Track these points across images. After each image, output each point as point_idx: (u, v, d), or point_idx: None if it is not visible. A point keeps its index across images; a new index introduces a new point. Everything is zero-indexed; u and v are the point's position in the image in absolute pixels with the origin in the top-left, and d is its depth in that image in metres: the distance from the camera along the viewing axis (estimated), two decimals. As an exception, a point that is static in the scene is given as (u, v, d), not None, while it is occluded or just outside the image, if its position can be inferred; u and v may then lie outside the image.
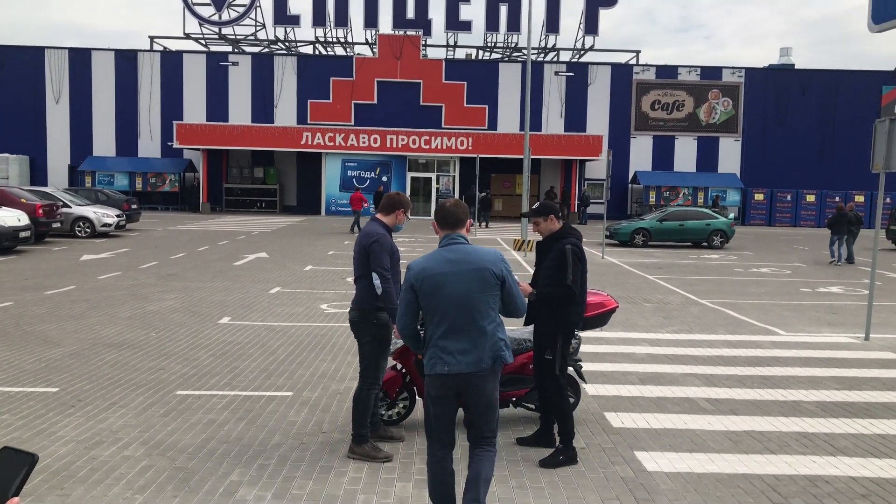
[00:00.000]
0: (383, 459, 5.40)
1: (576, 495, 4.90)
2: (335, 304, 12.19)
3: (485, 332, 4.08)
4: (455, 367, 4.05)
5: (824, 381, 8.08)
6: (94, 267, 16.29)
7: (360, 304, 5.50)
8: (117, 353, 8.49)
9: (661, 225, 25.59)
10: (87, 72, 40.08)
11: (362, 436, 5.48)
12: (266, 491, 4.84)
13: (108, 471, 5.09)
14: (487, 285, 4.08)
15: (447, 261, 4.12)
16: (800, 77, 41.96)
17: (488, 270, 4.09)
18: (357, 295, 5.54)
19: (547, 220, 5.63)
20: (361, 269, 5.48)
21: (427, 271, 4.11)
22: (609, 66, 41.85)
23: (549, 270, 5.51)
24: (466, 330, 4.07)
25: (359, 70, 40.54)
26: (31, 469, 1.57)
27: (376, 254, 5.37)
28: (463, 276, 4.07)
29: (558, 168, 41.24)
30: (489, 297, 4.09)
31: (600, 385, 7.61)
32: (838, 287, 16.13)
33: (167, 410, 6.46)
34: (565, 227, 5.67)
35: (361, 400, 5.50)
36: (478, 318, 4.07)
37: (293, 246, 22.10)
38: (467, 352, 4.06)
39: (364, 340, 5.51)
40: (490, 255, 4.17)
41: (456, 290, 4.05)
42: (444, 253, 4.18)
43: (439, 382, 4.10)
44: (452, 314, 4.06)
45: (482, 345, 4.07)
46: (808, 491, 5.06)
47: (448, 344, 4.07)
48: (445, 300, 4.06)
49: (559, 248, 5.48)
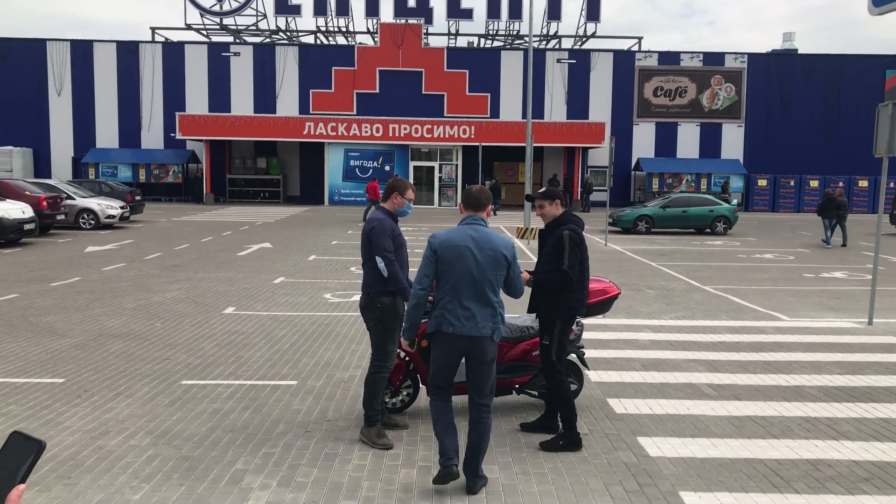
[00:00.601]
0: (382, 447, 5.46)
1: (579, 481, 4.94)
2: (339, 294, 12.22)
3: (487, 304, 4.69)
4: (459, 329, 4.66)
5: (827, 366, 8.09)
6: (99, 258, 16.34)
7: (366, 289, 5.68)
8: (123, 344, 8.54)
9: (665, 212, 25.56)
10: (89, 63, 40.05)
11: (370, 418, 5.58)
12: (271, 479, 4.88)
13: (114, 460, 5.13)
14: (498, 266, 4.71)
15: (470, 237, 4.74)
16: (803, 62, 41.75)
17: (501, 254, 4.72)
18: (363, 280, 5.73)
19: (552, 205, 5.64)
20: (366, 255, 5.67)
21: (451, 241, 4.73)
22: (611, 53, 41.68)
23: (548, 257, 5.52)
24: (472, 300, 4.66)
25: (360, 59, 40.45)
26: (38, 456, 1.59)
27: (376, 238, 5.54)
28: (480, 254, 4.68)
29: (561, 155, 41.16)
30: (497, 276, 4.72)
31: (603, 371, 7.64)
32: (842, 272, 16.11)
33: (172, 400, 6.50)
34: (566, 213, 5.67)
35: (369, 382, 5.62)
36: (483, 292, 4.67)
37: (297, 236, 22.14)
38: (470, 318, 4.66)
39: (370, 324, 5.65)
40: (504, 241, 4.82)
41: (472, 264, 4.65)
42: (468, 230, 4.79)
43: (450, 342, 4.70)
44: (464, 283, 4.66)
45: (484, 315, 4.68)
46: (810, 475, 5.08)
47: (455, 308, 4.67)
48: (462, 270, 4.66)
49: (558, 234, 5.50)
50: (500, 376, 6.14)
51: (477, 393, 4.78)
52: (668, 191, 37.55)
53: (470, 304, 4.65)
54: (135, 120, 40.41)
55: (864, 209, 39.25)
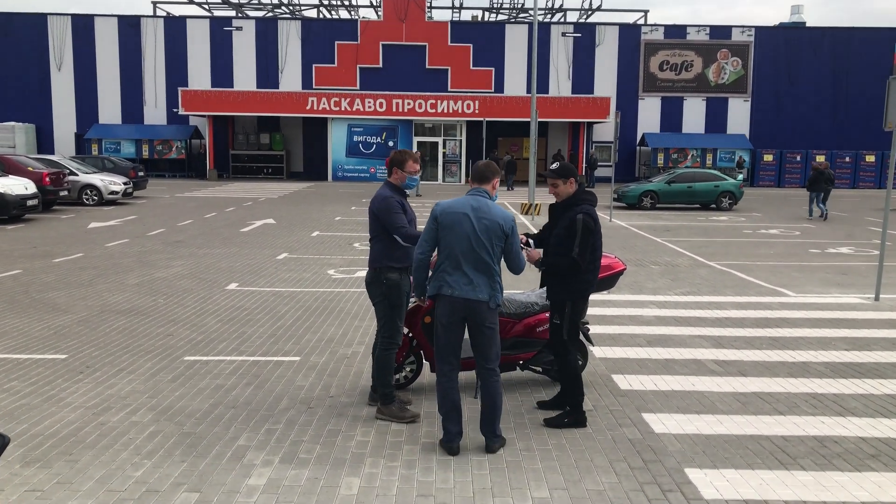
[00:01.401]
0: (410, 419, 5.47)
1: (583, 457, 4.90)
2: (342, 270, 12.17)
3: (484, 271, 4.83)
4: (458, 291, 4.82)
5: (833, 341, 8.03)
6: (102, 234, 16.30)
7: (372, 264, 5.61)
8: (125, 320, 8.51)
9: (670, 187, 25.40)
10: (90, 38, 39.77)
11: (387, 395, 5.55)
12: (274, 455, 4.86)
13: (116, 436, 5.11)
14: (495, 237, 4.82)
15: (470, 206, 4.87)
16: (811, 35, 41.27)
17: (499, 225, 4.83)
18: (370, 255, 5.67)
19: (566, 183, 5.46)
20: (374, 231, 5.61)
21: (451, 208, 4.88)
22: (617, 27, 41.23)
23: (559, 238, 5.36)
24: (469, 265, 4.81)
25: (364, 33, 40.09)
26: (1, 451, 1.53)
27: (385, 217, 5.45)
28: (477, 222, 4.80)
29: (566, 131, 40.89)
30: (494, 246, 4.83)
31: (608, 347, 7.59)
32: (848, 248, 16.01)
33: (175, 376, 6.48)
34: (580, 191, 5.48)
35: (380, 359, 5.58)
36: (481, 259, 4.81)
37: (300, 212, 22.06)
38: (467, 283, 4.82)
39: (376, 300, 5.59)
40: (504, 213, 4.91)
41: (469, 232, 4.79)
42: (470, 200, 4.92)
43: (449, 305, 4.85)
44: (460, 249, 4.80)
45: (480, 282, 4.83)
46: (816, 451, 5.04)
47: (452, 273, 4.84)
48: (459, 235, 4.81)
49: (571, 216, 5.32)
50: (504, 352, 6.09)
51: (483, 358, 4.94)
52: (674, 166, 37.31)
53: (467, 269, 4.81)
54: (137, 95, 40.20)
55: (871, 184, 39.00)
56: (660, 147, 39.43)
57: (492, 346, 4.93)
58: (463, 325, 4.91)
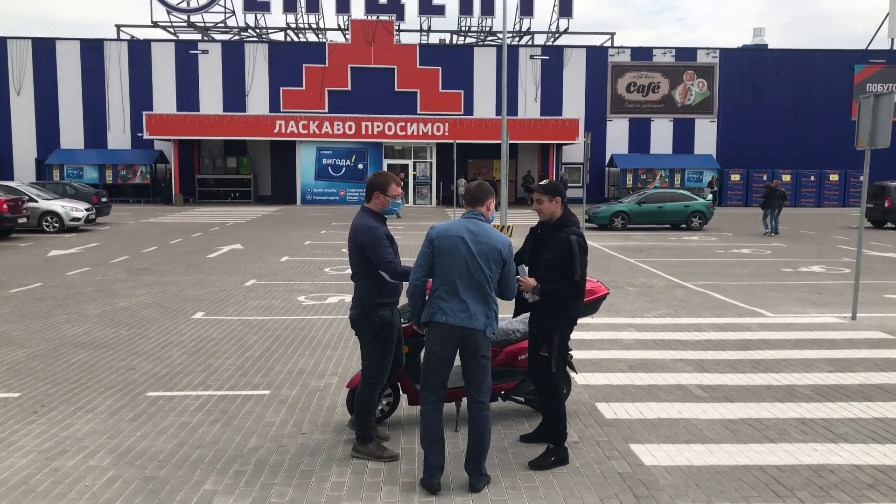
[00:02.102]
0: (389, 458, 5.15)
1: (572, 494, 4.64)
2: (313, 296, 11.85)
3: (481, 298, 4.65)
4: (453, 318, 4.61)
5: (816, 363, 7.90)
6: (63, 263, 15.78)
7: (359, 302, 5.14)
8: (85, 353, 8.10)
9: (640, 208, 25.46)
10: (51, 62, 39.07)
11: (366, 436, 5.20)
12: (243, 500, 4.53)
13: (71, 483, 4.74)
14: (492, 262, 4.66)
15: (468, 230, 4.70)
16: (774, 57, 42.00)
17: (496, 249, 4.66)
18: (356, 292, 5.19)
19: (552, 202, 5.15)
20: (357, 266, 5.14)
21: (448, 231, 4.70)
22: (584, 49, 41.59)
23: (550, 262, 5.05)
24: (466, 291, 4.62)
25: (331, 56, 39.93)
26: None
27: (373, 251, 4.99)
28: (475, 246, 4.63)
29: (535, 152, 41.00)
30: (491, 272, 4.66)
31: (589, 374, 7.37)
32: (819, 266, 16.06)
33: (137, 414, 6.11)
34: (567, 213, 5.22)
35: (363, 401, 5.18)
36: (478, 285, 4.63)
37: (268, 237, 21.66)
38: (463, 310, 4.61)
39: (366, 339, 5.16)
40: (501, 237, 4.76)
41: (466, 256, 4.62)
42: (467, 223, 4.75)
43: (443, 333, 4.64)
44: (458, 274, 4.62)
45: (477, 310, 4.63)
46: (812, 482, 4.84)
47: (448, 299, 4.64)
48: (456, 260, 4.63)
49: (562, 237, 5.03)
50: (485, 383, 5.84)
51: (475, 389, 4.72)
52: (643, 187, 37.52)
53: (464, 295, 4.62)
54: (100, 120, 39.51)
55: (835, 202, 39.59)
56: (629, 168, 39.68)
57: (485, 377, 4.73)
58: (452, 354, 4.70)
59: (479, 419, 4.70)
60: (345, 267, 15.27)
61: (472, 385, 4.72)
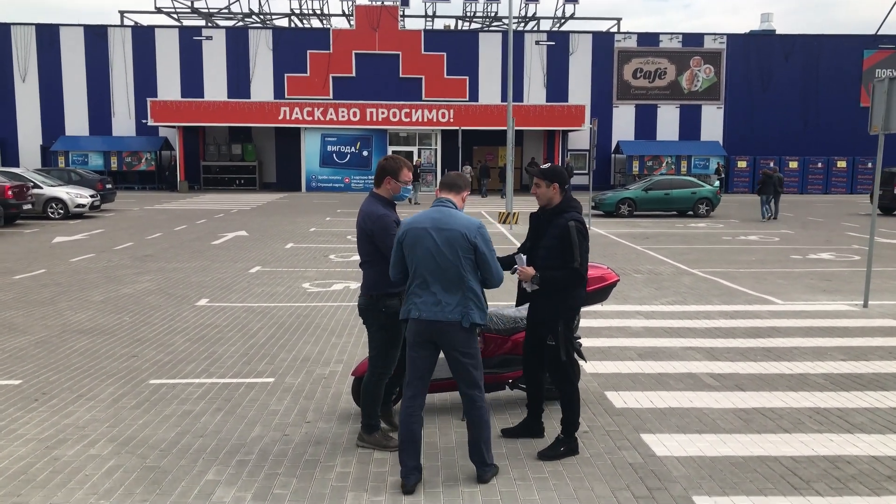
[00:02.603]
0: (395, 448, 5.00)
1: (583, 486, 4.53)
2: (318, 283, 11.74)
3: (454, 289, 4.38)
4: (425, 313, 4.39)
5: (829, 351, 7.77)
6: (67, 249, 15.70)
7: (367, 290, 5.01)
8: (88, 340, 8.01)
9: (647, 194, 25.28)
10: (55, 48, 38.92)
11: (372, 426, 5.09)
12: (245, 491, 4.43)
13: (70, 473, 4.64)
14: (460, 249, 4.35)
15: (431, 219, 4.44)
16: (782, 42, 41.59)
17: (461, 235, 4.35)
18: (364, 281, 5.07)
19: (550, 188, 5.00)
20: (366, 255, 5.01)
21: (410, 225, 4.46)
22: (590, 35, 41.24)
23: (549, 250, 4.91)
24: (435, 284, 4.38)
25: (336, 42, 39.68)
26: None
27: (383, 238, 4.85)
28: (438, 235, 4.36)
29: (541, 139, 40.76)
30: (461, 259, 4.36)
31: (598, 362, 7.25)
32: (828, 253, 15.89)
33: (139, 402, 6.02)
34: (567, 199, 5.06)
35: (370, 390, 5.06)
36: (447, 277, 4.37)
37: (273, 223, 21.56)
38: (434, 304, 4.38)
39: (373, 329, 5.03)
40: (467, 222, 4.42)
41: (430, 247, 4.37)
42: (432, 212, 4.49)
43: (415, 328, 4.45)
44: (425, 268, 4.39)
45: (449, 301, 4.38)
46: (830, 474, 4.72)
47: (421, 294, 4.42)
48: (421, 254, 4.39)
49: (561, 224, 4.89)
50: (493, 371, 5.75)
51: (462, 383, 4.53)
52: (649, 174, 37.28)
53: (435, 288, 4.38)
54: (105, 106, 39.39)
55: (842, 189, 39.29)
56: (634, 155, 39.42)
57: (471, 369, 4.48)
58: (430, 348, 4.49)
59: (472, 411, 4.53)
60: (350, 254, 15.16)
61: (459, 378, 4.53)
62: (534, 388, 5.28)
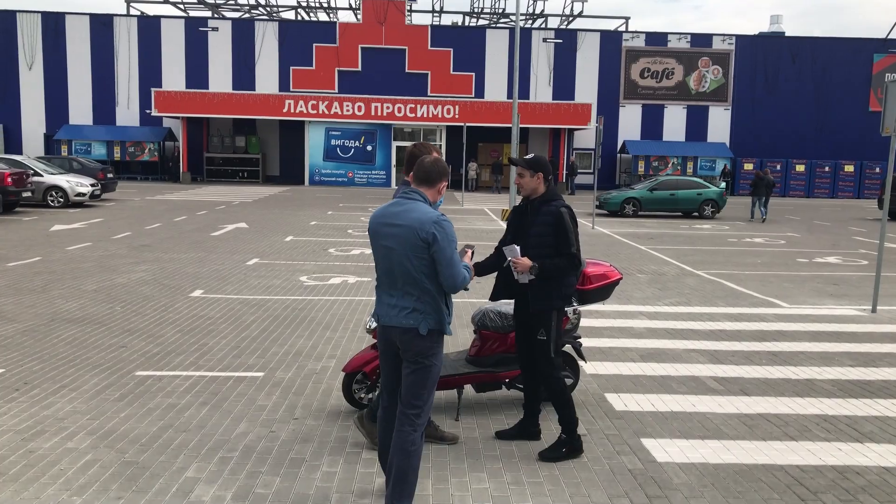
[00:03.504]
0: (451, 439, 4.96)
1: (579, 492, 4.33)
2: (315, 277, 11.55)
3: (410, 292, 3.84)
4: (384, 318, 3.93)
5: (836, 356, 7.55)
6: (64, 237, 15.52)
7: None
8: (76, 329, 7.82)
9: (652, 194, 25.03)
10: (61, 37, 38.77)
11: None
12: (226, 490, 4.23)
13: (45, 466, 4.45)
14: (414, 247, 3.78)
15: (390, 213, 3.92)
16: (790, 45, 41.27)
17: (414, 231, 3.78)
18: None
19: (534, 177, 4.83)
20: None
21: (376, 219, 3.97)
22: (598, 33, 40.96)
23: (540, 238, 4.75)
24: (393, 286, 3.89)
25: (342, 36, 39.46)
26: None
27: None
28: (396, 231, 3.83)
29: (546, 137, 40.50)
30: (412, 259, 3.79)
31: (598, 363, 7.04)
32: (835, 257, 15.65)
33: (123, 394, 5.82)
34: (552, 189, 4.90)
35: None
36: (405, 278, 3.83)
37: (274, 216, 21.37)
38: (392, 307, 3.89)
39: None
40: (423, 215, 3.80)
41: (386, 244, 3.88)
42: (392, 206, 3.95)
43: (380, 331, 4.01)
44: (381, 267, 3.95)
45: (406, 304, 3.84)
46: (838, 485, 4.51)
47: (382, 295, 3.98)
48: (379, 251, 3.94)
49: (552, 211, 4.75)
50: (489, 370, 5.55)
51: (403, 399, 3.89)
52: (654, 174, 37.02)
53: (393, 290, 3.87)
54: (109, 96, 39.23)
55: (849, 194, 39.01)
56: (640, 155, 39.17)
57: (420, 388, 3.85)
58: (396, 356, 3.97)
59: (399, 436, 3.82)
60: (349, 248, 14.97)
61: (403, 391, 3.90)
62: (531, 386, 5.08)
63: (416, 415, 3.84)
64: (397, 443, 3.82)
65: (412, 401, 3.85)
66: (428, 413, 3.92)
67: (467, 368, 5.53)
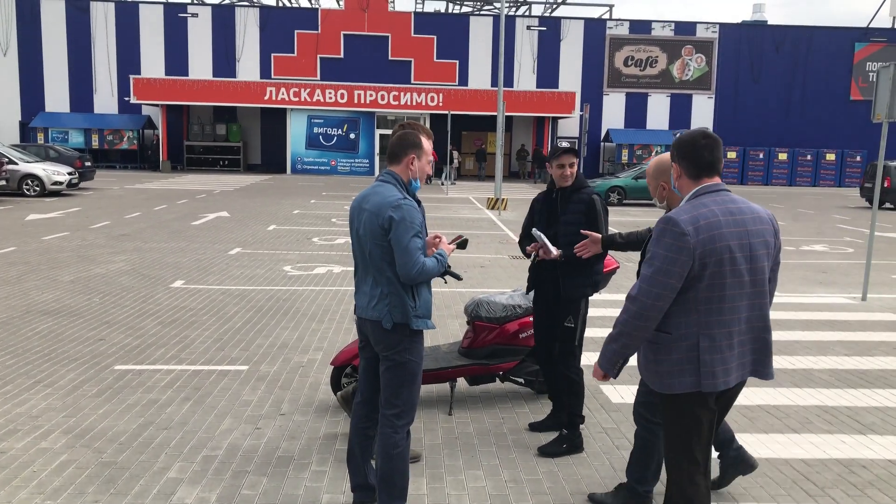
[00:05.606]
0: None
1: (579, 490, 4.16)
2: (299, 266, 11.31)
3: (377, 281, 3.58)
4: (358, 309, 3.70)
5: (831, 345, 7.45)
6: (40, 227, 15.15)
7: None
8: (52, 322, 7.55)
9: (637, 182, 24.98)
10: (36, 22, 37.96)
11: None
12: (210, 491, 4.02)
13: (17, 468, 4.21)
14: (374, 234, 3.52)
15: (362, 196, 3.67)
16: (773, 33, 41.28)
17: (374, 216, 3.52)
18: None
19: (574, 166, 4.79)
20: None
21: (353, 204, 3.71)
22: (582, 21, 40.74)
23: (571, 226, 4.63)
24: (363, 275, 3.68)
25: (324, 22, 38.97)
26: None
27: None
28: (364, 216, 3.58)
29: (530, 125, 40.31)
30: (378, 246, 3.53)
31: (592, 353, 6.86)
32: (822, 245, 15.62)
33: (101, 389, 5.58)
34: (581, 177, 4.83)
35: None
36: (371, 265, 3.59)
37: (256, 205, 21.04)
38: (362, 297, 3.66)
39: None
40: (384, 199, 3.51)
41: (356, 229, 3.65)
42: (367, 189, 3.68)
43: (357, 322, 3.77)
44: (356, 253, 3.71)
45: (374, 295, 3.59)
46: (845, 479, 4.37)
47: (358, 284, 3.73)
48: (353, 237, 3.71)
49: (584, 198, 4.69)
50: (483, 362, 5.36)
51: (383, 399, 3.65)
52: (638, 162, 36.95)
53: (363, 280, 3.65)
54: (87, 83, 38.51)
55: (830, 182, 39.18)
56: (624, 143, 39.06)
57: (392, 384, 3.59)
58: (372, 350, 3.72)
59: (381, 438, 3.61)
60: (333, 237, 14.73)
61: (382, 390, 3.66)
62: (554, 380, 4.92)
63: (395, 415, 3.59)
64: (379, 444, 3.62)
65: (391, 399, 3.60)
66: (410, 413, 3.64)
67: (460, 361, 5.34)
